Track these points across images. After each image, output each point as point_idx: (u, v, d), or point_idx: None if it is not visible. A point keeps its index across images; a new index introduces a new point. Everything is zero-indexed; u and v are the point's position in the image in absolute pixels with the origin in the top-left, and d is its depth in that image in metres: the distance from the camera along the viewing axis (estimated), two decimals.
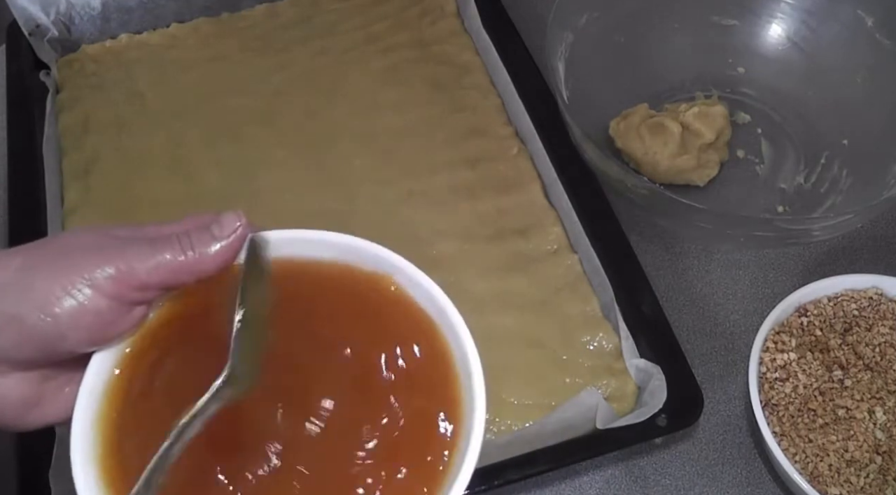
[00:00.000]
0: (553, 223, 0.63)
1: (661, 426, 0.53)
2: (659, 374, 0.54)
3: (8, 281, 0.34)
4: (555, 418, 0.52)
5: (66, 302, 0.34)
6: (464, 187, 0.66)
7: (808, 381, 0.53)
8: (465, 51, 0.75)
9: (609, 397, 0.55)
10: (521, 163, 0.67)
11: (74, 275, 0.34)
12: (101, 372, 0.37)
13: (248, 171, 0.67)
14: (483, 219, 0.64)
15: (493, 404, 0.55)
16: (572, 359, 0.57)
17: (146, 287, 0.35)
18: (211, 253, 0.36)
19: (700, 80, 0.72)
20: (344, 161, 0.68)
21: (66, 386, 0.37)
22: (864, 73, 0.68)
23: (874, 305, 0.57)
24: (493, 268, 0.61)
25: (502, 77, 0.71)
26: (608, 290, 0.58)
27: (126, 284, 0.35)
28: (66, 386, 0.37)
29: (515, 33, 0.74)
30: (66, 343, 0.35)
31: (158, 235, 0.37)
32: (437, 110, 0.71)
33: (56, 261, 0.35)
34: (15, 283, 0.34)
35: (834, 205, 0.65)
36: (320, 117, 0.70)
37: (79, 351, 0.36)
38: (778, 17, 0.72)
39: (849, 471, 0.51)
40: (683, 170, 0.65)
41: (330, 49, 0.75)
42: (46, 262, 0.35)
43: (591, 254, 0.60)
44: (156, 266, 0.35)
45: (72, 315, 0.34)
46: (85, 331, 0.34)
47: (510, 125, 0.70)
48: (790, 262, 0.64)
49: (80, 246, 0.35)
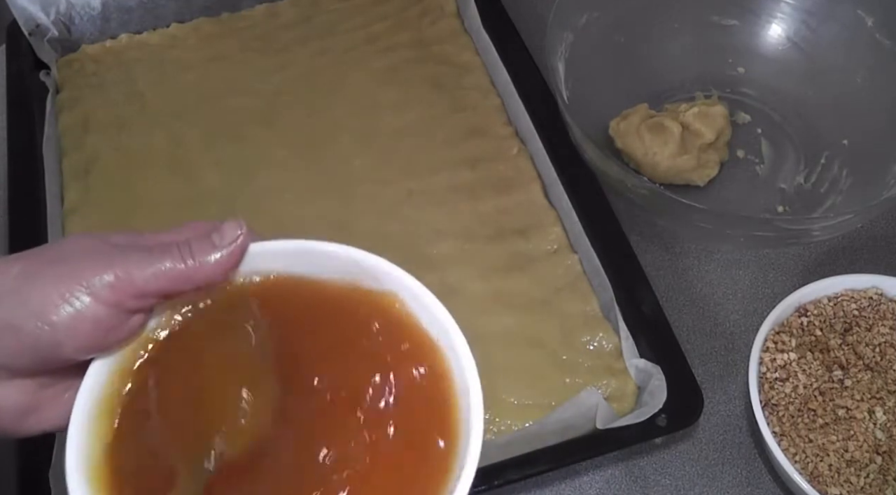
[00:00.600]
0: (553, 223, 0.63)
1: (661, 426, 0.53)
2: (659, 374, 0.54)
3: (6, 289, 0.34)
4: (555, 418, 0.52)
5: (64, 309, 0.33)
6: (464, 187, 0.66)
7: (808, 381, 0.53)
8: (465, 51, 0.75)
9: (609, 397, 0.55)
10: (521, 162, 0.67)
11: (73, 283, 0.34)
12: (99, 380, 0.36)
13: (248, 171, 0.67)
14: (483, 219, 0.64)
15: (493, 404, 0.55)
16: (572, 359, 0.57)
17: (145, 294, 0.35)
18: (211, 261, 0.36)
19: (700, 80, 0.72)
20: (344, 161, 0.68)
21: (64, 393, 0.37)
22: (864, 73, 0.68)
23: (874, 305, 0.57)
24: (493, 268, 0.61)
25: (502, 77, 0.71)
26: (608, 290, 0.58)
27: (124, 292, 0.34)
28: (65, 393, 0.37)
29: (515, 33, 0.74)
30: (64, 350, 0.34)
31: (158, 243, 0.37)
32: (437, 110, 0.71)
33: (54, 269, 0.34)
34: (13, 291, 0.34)
35: (834, 205, 0.65)
36: (320, 117, 0.70)
37: (77, 358, 0.35)
38: (778, 17, 0.72)
39: (849, 471, 0.51)
40: (683, 171, 0.65)
41: (330, 49, 0.75)
42: (45, 270, 0.34)
43: (591, 253, 0.60)
44: (154, 274, 0.35)
45: (69, 323, 0.34)
46: (83, 338, 0.34)
47: (510, 125, 0.70)
48: (790, 262, 0.64)
49: (79, 253, 0.35)
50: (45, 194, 0.65)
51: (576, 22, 0.67)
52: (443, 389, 0.37)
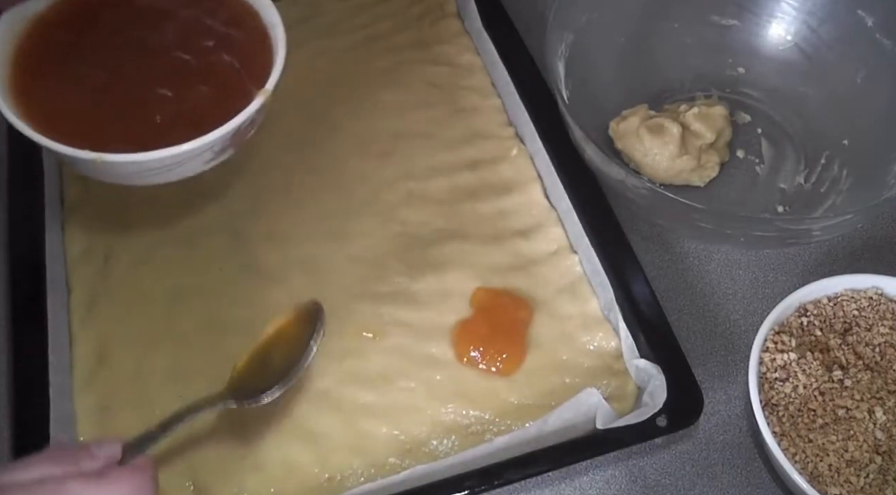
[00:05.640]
0: (553, 224, 0.63)
1: (662, 426, 0.53)
2: (659, 374, 0.54)
3: None
4: (555, 418, 0.52)
5: None
6: (464, 188, 0.66)
7: (808, 381, 0.53)
8: (466, 51, 0.75)
9: (609, 397, 0.55)
10: (522, 163, 0.67)
11: None
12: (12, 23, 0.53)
13: (246, 171, 0.67)
14: (483, 220, 0.64)
15: (493, 404, 0.56)
16: (572, 360, 0.57)
17: None
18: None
19: (700, 80, 0.72)
20: (343, 162, 0.67)
21: None
22: (864, 73, 0.68)
23: (874, 305, 0.57)
24: (494, 270, 0.61)
25: (502, 77, 0.71)
26: (608, 290, 0.58)
27: None
28: None
29: (515, 33, 0.74)
30: None
31: None
32: (438, 111, 0.71)
33: None
34: None
35: (834, 205, 0.65)
36: (320, 118, 0.70)
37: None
38: (778, 17, 0.72)
39: (849, 471, 0.51)
40: (683, 171, 0.65)
41: (330, 49, 0.75)
42: None
43: (591, 254, 0.60)
44: None
45: None
46: None
47: (510, 126, 0.70)
48: (790, 262, 0.64)
49: None
50: (44, 194, 0.65)
51: (576, 22, 0.67)
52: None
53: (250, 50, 0.55)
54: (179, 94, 0.53)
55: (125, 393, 0.56)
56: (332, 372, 0.57)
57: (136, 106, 0.52)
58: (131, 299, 0.60)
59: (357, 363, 0.57)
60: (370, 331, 0.58)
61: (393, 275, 0.61)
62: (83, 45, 0.55)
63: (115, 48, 0.55)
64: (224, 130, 0.50)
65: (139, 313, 0.60)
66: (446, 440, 0.54)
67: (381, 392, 0.56)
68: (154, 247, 0.63)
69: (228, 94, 0.52)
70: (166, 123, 0.51)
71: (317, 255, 0.62)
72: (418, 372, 0.57)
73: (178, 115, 0.52)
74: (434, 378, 0.57)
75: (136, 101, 0.52)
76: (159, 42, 0.55)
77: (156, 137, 0.50)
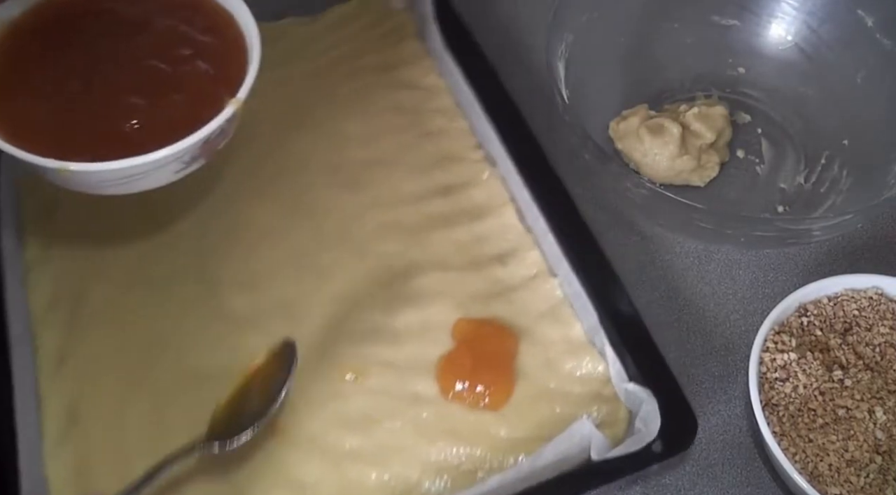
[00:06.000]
0: (530, 247, 0.62)
1: (657, 452, 0.51)
2: (650, 399, 0.52)
3: None
4: (548, 452, 0.51)
5: None
6: (437, 215, 0.63)
7: (808, 381, 0.53)
8: (430, 73, 0.72)
9: (601, 424, 0.53)
10: (493, 186, 0.65)
11: None
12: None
13: (215, 208, 0.64)
14: (459, 248, 0.62)
15: (483, 439, 0.54)
16: (560, 388, 0.56)
17: None
18: None
19: (700, 80, 0.72)
20: (313, 195, 0.65)
21: None
22: (864, 73, 0.68)
23: (874, 305, 0.57)
24: (473, 298, 0.59)
25: (468, 98, 0.68)
26: (591, 314, 0.57)
27: None
28: None
29: (479, 52, 0.70)
30: None
31: None
32: (405, 137, 0.68)
33: None
34: None
35: (834, 205, 0.65)
36: (285, 150, 0.67)
37: None
38: (778, 17, 0.72)
39: (849, 471, 0.51)
40: (683, 171, 0.65)
41: (293, 77, 0.72)
42: None
43: (571, 276, 0.59)
44: None
45: None
46: None
47: (479, 148, 0.67)
48: (790, 262, 0.64)
49: None
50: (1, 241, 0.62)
51: (576, 22, 0.67)
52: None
53: (226, 58, 0.54)
54: (152, 102, 0.52)
55: (100, 452, 0.54)
56: (317, 417, 0.54)
57: (108, 115, 0.51)
58: (102, 351, 0.57)
59: (341, 406, 0.55)
60: (352, 371, 0.56)
61: (371, 311, 0.59)
62: (58, 53, 0.54)
63: (91, 56, 0.54)
64: (192, 140, 0.49)
65: (111, 365, 0.57)
66: (438, 480, 0.52)
67: (367, 434, 0.54)
68: (124, 294, 0.60)
69: (202, 103, 0.51)
70: (137, 132, 0.51)
71: (291, 296, 0.60)
72: (404, 411, 0.55)
73: (151, 124, 0.51)
74: (420, 416, 0.54)
75: (108, 109, 0.51)
76: (135, 50, 0.54)
77: (126, 146, 0.49)
